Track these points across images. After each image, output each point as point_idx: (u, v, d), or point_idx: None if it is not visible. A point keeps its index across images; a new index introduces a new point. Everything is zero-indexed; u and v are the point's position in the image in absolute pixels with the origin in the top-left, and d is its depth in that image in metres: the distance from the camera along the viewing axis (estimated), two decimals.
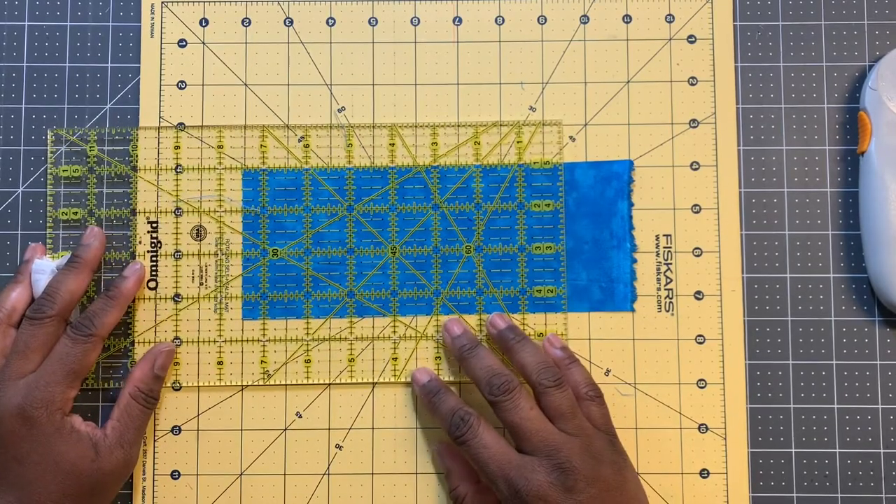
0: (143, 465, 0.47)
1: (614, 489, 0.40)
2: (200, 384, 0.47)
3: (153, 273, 0.48)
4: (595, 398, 0.43)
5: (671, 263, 0.48)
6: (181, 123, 0.48)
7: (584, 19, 0.49)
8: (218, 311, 0.47)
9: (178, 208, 0.48)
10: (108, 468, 0.43)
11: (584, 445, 0.41)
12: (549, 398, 0.42)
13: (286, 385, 0.47)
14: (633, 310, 0.48)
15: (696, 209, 0.48)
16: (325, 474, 0.47)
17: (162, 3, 0.49)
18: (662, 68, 0.49)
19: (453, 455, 0.46)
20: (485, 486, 0.44)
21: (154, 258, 0.48)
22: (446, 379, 0.47)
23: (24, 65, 0.49)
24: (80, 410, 0.47)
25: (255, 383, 0.47)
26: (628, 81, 0.49)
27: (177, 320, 0.47)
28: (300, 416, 0.47)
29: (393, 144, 0.48)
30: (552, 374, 0.43)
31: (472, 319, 0.48)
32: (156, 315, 0.47)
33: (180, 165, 0.48)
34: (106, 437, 0.43)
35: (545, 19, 0.49)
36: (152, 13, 0.49)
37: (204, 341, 0.47)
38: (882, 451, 0.47)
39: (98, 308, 0.44)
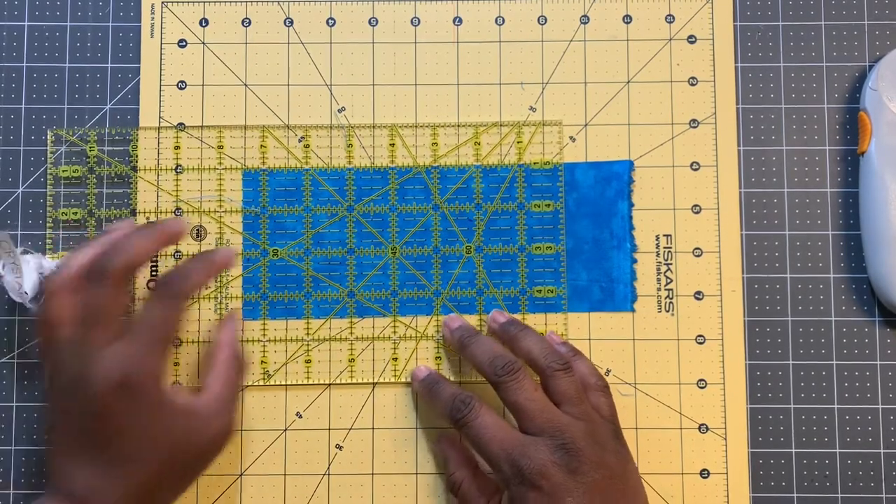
0: None
1: (618, 478, 0.40)
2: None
3: (153, 273, 0.48)
4: (602, 388, 0.43)
5: (671, 263, 0.48)
6: (181, 124, 0.48)
7: (585, 19, 0.49)
8: (218, 312, 0.47)
9: (178, 208, 0.48)
10: (210, 437, 0.41)
11: (589, 430, 0.40)
12: (556, 381, 0.41)
13: (286, 385, 0.47)
14: (633, 310, 0.48)
15: (697, 209, 0.48)
16: (325, 474, 0.47)
17: (162, 3, 0.49)
18: (662, 68, 0.49)
19: (452, 443, 0.46)
20: (481, 473, 0.44)
21: (154, 258, 0.48)
22: (450, 378, 0.47)
23: (24, 65, 0.49)
24: None
25: (255, 383, 0.47)
26: (628, 82, 0.49)
27: None
28: (300, 417, 0.47)
29: (393, 145, 0.48)
30: (560, 357, 0.42)
31: (472, 319, 0.48)
32: None
33: (180, 166, 0.48)
34: (207, 406, 0.41)
35: (545, 19, 0.49)
36: (152, 13, 0.49)
37: (204, 341, 0.47)
38: (882, 451, 0.47)
39: (187, 270, 0.41)
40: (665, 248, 0.48)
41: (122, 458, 0.38)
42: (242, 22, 0.49)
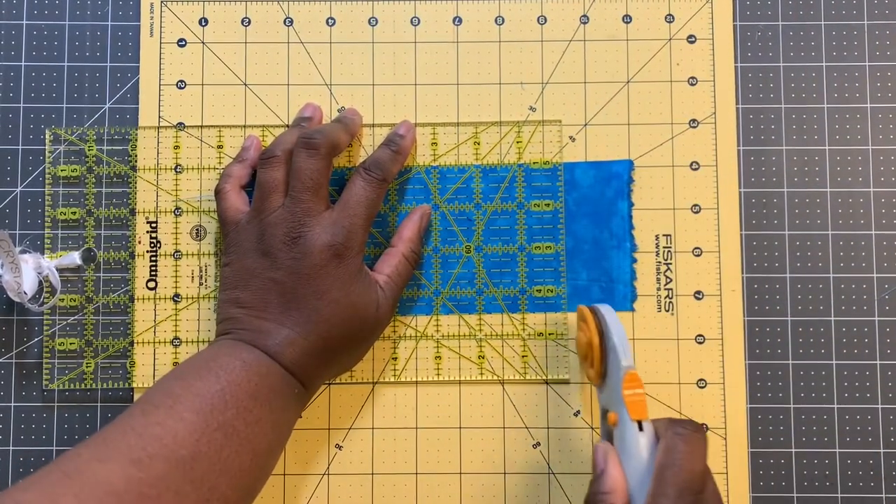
0: None
1: None
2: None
3: (153, 273, 0.47)
4: None
5: (671, 263, 0.48)
6: (181, 123, 0.48)
7: (584, 19, 0.49)
8: (217, 311, 0.47)
9: (177, 208, 0.48)
10: (381, 320, 0.44)
11: None
12: None
13: None
14: (633, 309, 0.48)
15: (696, 209, 0.48)
16: (325, 474, 0.47)
17: (161, 2, 0.49)
18: (662, 68, 0.49)
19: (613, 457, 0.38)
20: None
21: (153, 258, 0.48)
22: (450, 378, 0.47)
23: (23, 64, 0.49)
24: (80, 410, 0.47)
25: None
26: (628, 81, 0.49)
27: (176, 320, 0.47)
28: (300, 417, 0.47)
29: None
30: None
31: (472, 319, 0.47)
32: (155, 315, 0.47)
33: (180, 165, 0.48)
34: (382, 290, 0.44)
35: (545, 19, 0.49)
36: (151, 12, 0.49)
37: (204, 342, 0.47)
38: (882, 451, 0.47)
39: (386, 157, 0.45)
40: (665, 247, 0.48)
41: (315, 318, 0.41)
42: (242, 21, 0.49)
